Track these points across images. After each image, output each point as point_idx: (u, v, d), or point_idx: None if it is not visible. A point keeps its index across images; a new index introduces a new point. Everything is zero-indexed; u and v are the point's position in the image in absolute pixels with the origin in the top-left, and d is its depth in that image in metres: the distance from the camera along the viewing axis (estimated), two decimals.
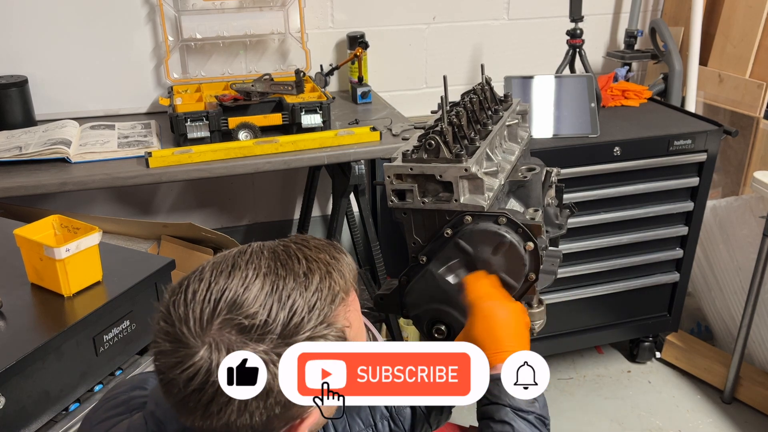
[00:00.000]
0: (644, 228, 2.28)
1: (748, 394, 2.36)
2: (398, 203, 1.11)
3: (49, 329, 1.19)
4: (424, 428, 1.09)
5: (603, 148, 2.12)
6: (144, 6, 2.24)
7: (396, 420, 1.06)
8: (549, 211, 1.27)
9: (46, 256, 1.24)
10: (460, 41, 2.67)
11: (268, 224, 2.73)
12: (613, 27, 2.88)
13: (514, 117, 1.31)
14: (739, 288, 2.42)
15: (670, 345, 2.55)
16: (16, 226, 1.32)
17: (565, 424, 2.31)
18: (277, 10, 2.33)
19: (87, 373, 1.26)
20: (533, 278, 1.10)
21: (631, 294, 2.37)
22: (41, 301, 1.28)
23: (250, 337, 0.69)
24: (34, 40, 2.17)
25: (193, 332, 0.69)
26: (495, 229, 1.08)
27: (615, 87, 2.51)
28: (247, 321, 0.69)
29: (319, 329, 0.72)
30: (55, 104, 2.22)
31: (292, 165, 1.91)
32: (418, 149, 1.09)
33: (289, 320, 0.70)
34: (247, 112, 2.00)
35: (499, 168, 1.15)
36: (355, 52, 2.38)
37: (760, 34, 2.51)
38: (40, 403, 1.17)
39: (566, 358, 2.62)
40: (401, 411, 1.07)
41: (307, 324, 0.71)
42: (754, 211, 2.35)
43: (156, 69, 2.32)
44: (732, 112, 2.62)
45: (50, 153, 1.82)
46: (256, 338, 0.69)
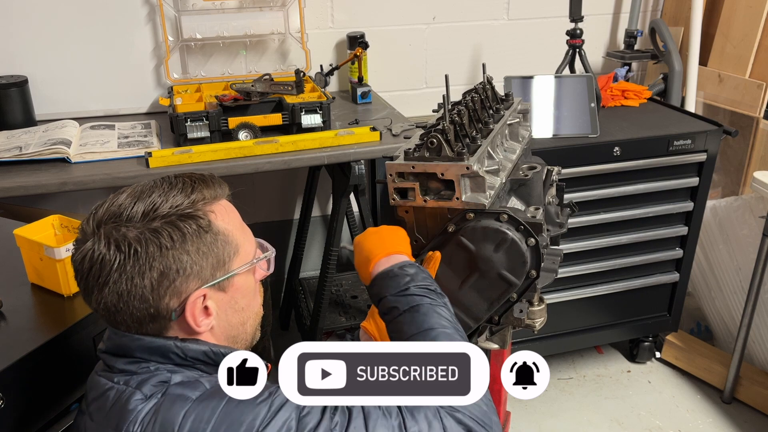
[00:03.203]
0: (644, 228, 2.28)
1: (748, 394, 2.36)
2: (400, 201, 1.12)
3: (49, 329, 1.18)
4: None
5: (603, 148, 2.12)
6: (144, 6, 2.24)
7: None
8: (550, 209, 1.27)
9: (46, 256, 1.24)
10: (460, 41, 2.67)
11: (268, 224, 2.73)
12: (613, 27, 2.88)
13: (515, 116, 1.31)
14: (739, 288, 2.42)
15: (670, 345, 2.55)
16: (16, 226, 1.32)
17: (565, 424, 2.31)
18: (277, 10, 2.33)
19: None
20: (534, 275, 1.10)
21: (631, 294, 2.37)
22: (41, 301, 1.28)
23: (120, 222, 0.90)
24: (34, 40, 2.17)
25: (87, 232, 0.92)
26: (497, 227, 1.08)
27: (615, 87, 2.51)
28: (118, 209, 0.91)
29: (179, 209, 0.91)
30: (55, 104, 2.22)
31: (292, 165, 1.91)
32: (420, 148, 1.09)
33: (150, 206, 0.90)
34: (247, 112, 2.00)
35: (500, 166, 1.15)
36: (355, 52, 2.38)
37: (760, 34, 2.51)
38: (40, 403, 1.16)
39: (566, 358, 2.62)
40: None
41: (164, 206, 0.90)
42: (754, 211, 2.36)
43: (156, 69, 2.32)
44: (732, 112, 2.62)
45: (50, 153, 1.81)
46: (125, 221, 0.90)
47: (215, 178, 1.00)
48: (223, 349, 0.94)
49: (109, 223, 0.90)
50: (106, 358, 0.96)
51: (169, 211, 0.90)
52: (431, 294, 1.01)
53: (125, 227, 0.89)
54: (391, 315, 1.02)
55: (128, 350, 0.93)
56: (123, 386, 0.90)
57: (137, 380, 0.90)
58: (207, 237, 0.92)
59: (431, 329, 0.96)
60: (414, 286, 1.01)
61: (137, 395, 0.88)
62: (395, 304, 1.01)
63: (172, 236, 0.89)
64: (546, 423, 2.32)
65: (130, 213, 0.90)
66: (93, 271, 0.90)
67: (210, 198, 0.95)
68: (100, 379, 0.94)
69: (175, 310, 0.91)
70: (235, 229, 0.97)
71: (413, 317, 0.98)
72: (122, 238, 0.88)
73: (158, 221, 0.90)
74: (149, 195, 0.92)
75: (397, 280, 1.02)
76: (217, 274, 0.94)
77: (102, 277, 0.89)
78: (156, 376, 0.90)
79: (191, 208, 0.92)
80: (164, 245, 0.89)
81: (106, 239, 0.89)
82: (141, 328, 0.93)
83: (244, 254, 0.98)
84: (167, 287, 0.90)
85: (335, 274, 2.37)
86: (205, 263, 0.92)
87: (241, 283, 0.98)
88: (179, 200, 0.92)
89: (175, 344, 0.92)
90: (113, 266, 0.88)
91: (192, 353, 0.93)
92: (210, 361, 0.93)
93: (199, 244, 0.91)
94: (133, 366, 0.92)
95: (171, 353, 0.92)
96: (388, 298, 1.02)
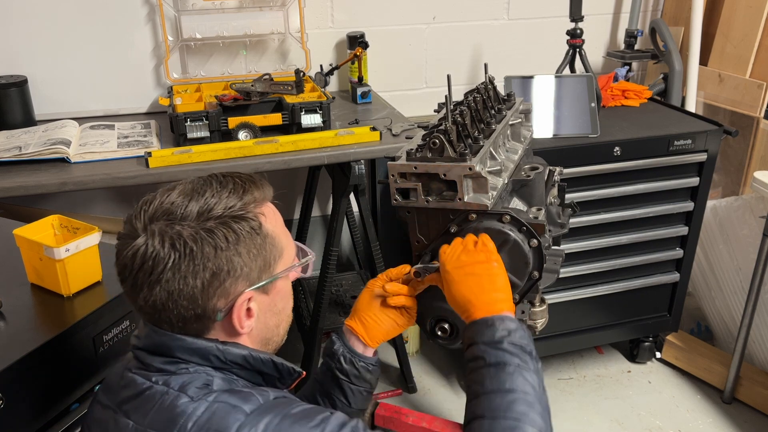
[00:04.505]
0: (644, 228, 2.28)
1: (748, 394, 2.36)
2: (402, 202, 1.11)
3: (49, 329, 1.18)
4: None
5: (603, 148, 2.12)
6: (144, 6, 2.24)
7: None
8: (551, 210, 1.27)
9: (46, 256, 1.24)
10: (460, 41, 2.67)
11: None
12: (613, 27, 2.88)
13: (517, 116, 1.31)
14: (739, 288, 2.42)
15: (670, 345, 2.55)
16: (16, 226, 1.31)
17: (565, 424, 2.31)
18: (277, 10, 2.33)
19: (87, 373, 1.26)
20: (536, 276, 1.10)
21: (631, 294, 2.37)
22: (41, 301, 1.27)
23: (174, 220, 0.89)
24: (34, 40, 2.17)
25: (138, 228, 0.90)
26: (499, 228, 1.08)
27: (615, 87, 2.51)
28: (172, 207, 0.90)
29: (232, 211, 0.91)
30: (55, 104, 2.21)
31: (292, 165, 1.90)
32: (422, 148, 1.08)
33: (204, 206, 0.90)
34: (247, 112, 2.00)
35: (502, 167, 1.15)
36: (355, 52, 2.38)
37: (760, 34, 2.51)
38: (40, 403, 1.16)
39: (566, 358, 2.62)
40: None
41: (218, 207, 0.90)
42: (754, 211, 2.36)
43: (156, 69, 2.32)
44: (732, 112, 2.62)
45: (50, 153, 1.81)
46: (180, 220, 0.89)
47: (262, 179, 1.00)
48: (262, 355, 0.94)
49: (161, 220, 0.89)
50: (141, 355, 0.95)
51: (223, 212, 0.90)
52: (524, 355, 0.97)
53: (180, 225, 0.89)
54: (476, 363, 0.98)
55: (168, 350, 0.92)
56: (162, 387, 0.90)
57: (178, 382, 0.90)
58: (257, 239, 0.92)
59: (512, 391, 0.93)
60: (508, 343, 0.97)
61: (183, 398, 0.87)
62: (483, 355, 0.97)
63: (227, 237, 0.89)
64: None
65: (184, 212, 0.90)
66: (145, 267, 0.88)
67: (260, 199, 0.96)
68: (135, 376, 0.93)
69: (221, 310, 0.91)
70: (281, 232, 0.98)
71: (498, 373, 0.95)
72: (177, 235, 0.88)
73: (212, 221, 0.89)
74: (202, 195, 0.92)
75: (493, 330, 0.99)
76: (263, 276, 0.94)
77: (154, 275, 0.88)
78: (195, 377, 0.90)
79: (244, 210, 0.92)
80: (219, 246, 0.88)
81: (160, 236, 0.88)
82: (184, 328, 0.92)
83: (287, 257, 0.99)
84: (217, 287, 0.90)
85: (335, 274, 2.37)
86: (254, 265, 0.92)
87: (281, 286, 0.99)
88: (233, 201, 0.92)
89: (217, 347, 0.92)
90: (167, 264, 0.87)
91: (231, 357, 0.92)
92: (247, 366, 0.94)
93: (250, 246, 0.91)
94: (172, 366, 0.91)
95: (212, 355, 0.92)
96: (479, 345, 0.98)
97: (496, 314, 1.00)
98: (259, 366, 0.94)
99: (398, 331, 1.17)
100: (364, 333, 1.15)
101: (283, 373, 0.97)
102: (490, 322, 0.99)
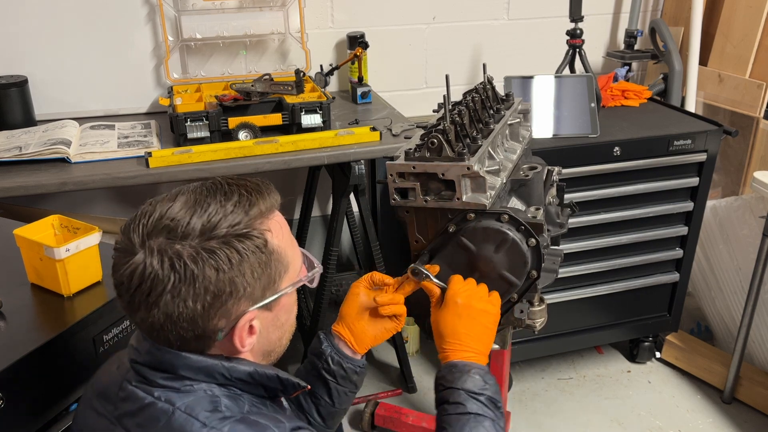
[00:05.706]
0: (644, 228, 2.28)
1: (748, 394, 2.36)
2: (401, 201, 1.12)
3: (49, 329, 1.18)
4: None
5: (603, 148, 2.12)
6: (144, 6, 2.24)
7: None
8: (550, 209, 1.27)
9: (46, 256, 1.24)
10: (460, 41, 2.67)
11: None
12: (613, 27, 2.88)
13: (515, 116, 1.31)
14: (739, 288, 2.42)
15: (670, 345, 2.55)
16: (16, 226, 1.31)
17: (565, 424, 2.31)
18: (277, 10, 2.33)
19: (87, 373, 1.26)
20: (535, 276, 1.10)
21: (631, 294, 2.37)
22: (41, 301, 1.28)
23: (174, 238, 0.85)
24: (34, 40, 2.17)
25: (135, 243, 0.85)
26: (497, 227, 1.08)
27: (615, 87, 2.51)
28: (173, 223, 0.85)
29: (236, 229, 0.86)
30: (55, 104, 2.21)
31: (292, 165, 1.91)
32: (420, 148, 1.09)
33: (207, 222, 0.85)
34: (247, 112, 2.00)
35: (501, 167, 1.15)
36: (355, 52, 2.38)
37: (760, 34, 2.51)
38: (40, 403, 1.16)
39: (566, 358, 2.62)
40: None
41: (222, 224, 0.86)
42: (754, 211, 2.36)
43: (156, 69, 2.32)
44: (732, 112, 2.62)
45: (50, 153, 1.81)
46: (181, 238, 0.84)
47: (269, 186, 0.96)
48: (268, 371, 0.93)
49: (161, 236, 0.85)
50: (143, 370, 0.92)
51: (227, 231, 0.86)
52: (496, 411, 1.05)
53: (180, 244, 0.84)
54: (454, 409, 1.03)
55: (171, 367, 0.89)
56: (166, 404, 0.87)
57: (184, 402, 0.87)
58: (263, 257, 0.89)
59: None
60: (488, 397, 1.04)
61: (193, 423, 0.85)
62: (465, 402, 1.03)
63: (230, 258, 0.85)
64: (546, 423, 2.32)
65: (185, 229, 0.85)
66: (143, 287, 0.85)
67: (266, 211, 0.92)
68: (136, 390, 0.91)
69: (222, 330, 0.89)
70: (287, 245, 0.94)
71: (476, 426, 1.02)
72: (177, 256, 0.83)
73: (215, 241, 0.85)
74: (205, 208, 0.87)
75: (476, 381, 1.05)
76: (267, 294, 0.91)
77: (152, 296, 0.85)
78: (201, 397, 0.88)
79: (249, 227, 0.88)
80: (221, 268, 0.84)
81: (159, 255, 0.84)
82: (183, 346, 0.89)
83: (293, 272, 0.96)
84: (218, 308, 0.87)
85: (335, 274, 2.37)
86: (257, 285, 0.89)
87: (285, 300, 0.96)
88: (238, 217, 0.87)
89: (223, 365, 0.90)
90: (166, 286, 0.84)
91: (237, 374, 0.91)
92: (251, 381, 0.92)
93: (254, 265, 0.88)
94: (176, 383, 0.89)
95: (217, 373, 0.90)
96: (460, 392, 1.04)
97: (482, 365, 1.07)
98: (264, 381, 0.93)
99: (387, 336, 1.18)
100: (352, 340, 1.16)
101: (287, 387, 0.96)
102: (474, 372, 1.06)
